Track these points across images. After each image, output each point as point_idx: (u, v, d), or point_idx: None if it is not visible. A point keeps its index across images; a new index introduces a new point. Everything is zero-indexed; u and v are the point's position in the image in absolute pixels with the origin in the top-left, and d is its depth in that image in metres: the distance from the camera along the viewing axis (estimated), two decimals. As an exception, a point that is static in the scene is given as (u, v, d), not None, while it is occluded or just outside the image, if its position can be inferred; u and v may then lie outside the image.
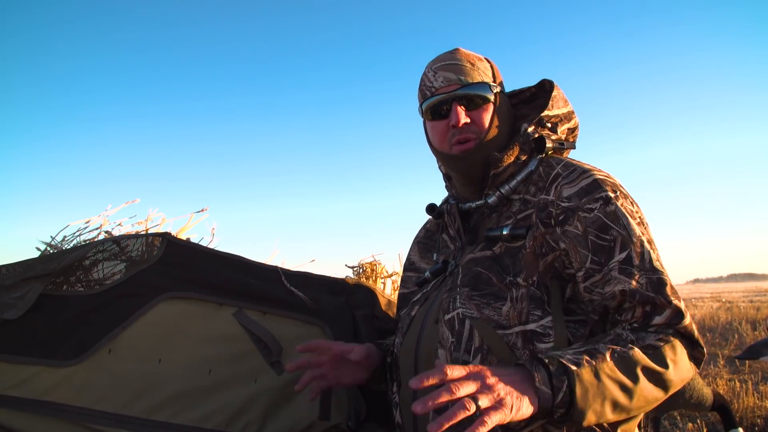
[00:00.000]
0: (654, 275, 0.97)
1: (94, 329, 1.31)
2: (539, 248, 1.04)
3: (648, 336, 0.95)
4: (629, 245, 0.99)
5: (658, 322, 0.96)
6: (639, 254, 0.99)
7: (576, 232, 1.02)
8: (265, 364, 1.48)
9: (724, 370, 4.42)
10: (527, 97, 1.31)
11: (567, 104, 1.23)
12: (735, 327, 7.23)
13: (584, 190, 1.04)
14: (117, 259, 1.41)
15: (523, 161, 1.16)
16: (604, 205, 1.02)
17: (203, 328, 1.44)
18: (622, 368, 0.88)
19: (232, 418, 1.40)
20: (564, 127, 1.22)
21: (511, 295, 1.02)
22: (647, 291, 0.96)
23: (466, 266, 1.12)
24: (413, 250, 1.45)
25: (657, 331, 0.96)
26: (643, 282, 0.97)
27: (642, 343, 0.93)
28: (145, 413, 1.31)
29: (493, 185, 1.16)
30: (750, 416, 3.04)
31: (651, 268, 0.98)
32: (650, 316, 0.97)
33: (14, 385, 1.21)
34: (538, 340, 0.99)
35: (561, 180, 1.08)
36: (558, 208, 1.05)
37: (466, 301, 1.05)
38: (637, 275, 0.97)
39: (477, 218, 1.22)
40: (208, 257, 1.50)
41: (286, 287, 1.56)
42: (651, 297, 0.96)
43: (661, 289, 0.96)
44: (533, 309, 1.00)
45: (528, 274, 1.03)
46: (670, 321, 0.96)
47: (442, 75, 1.16)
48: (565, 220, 1.03)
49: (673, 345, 0.93)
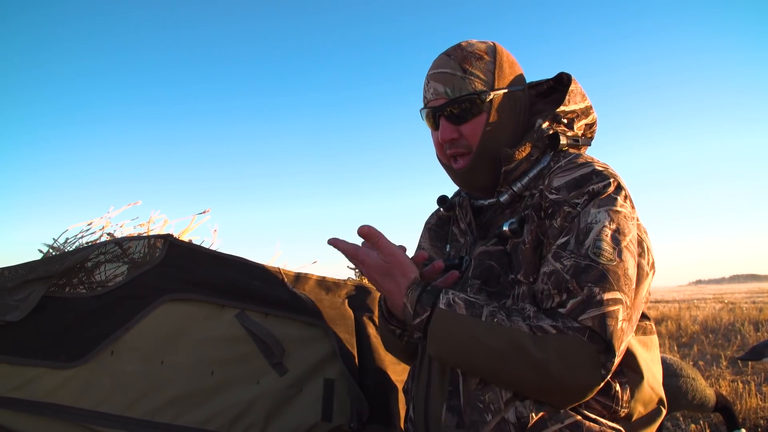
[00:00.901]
0: (584, 261, 0.90)
1: (97, 331, 1.31)
2: (535, 241, 1.01)
3: (546, 319, 0.87)
4: (574, 230, 0.94)
5: (562, 310, 0.88)
6: (579, 240, 0.92)
7: (556, 226, 0.98)
8: (267, 366, 1.48)
9: (727, 371, 4.40)
10: (544, 90, 1.27)
11: (585, 99, 1.19)
12: (737, 328, 7.21)
13: (576, 182, 0.99)
14: (119, 261, 1.41)
15: (536, 158, 1.12)
16: (588, 201, 0.96)
17: (205, 330, 1.44)
18: (486, 331, 0.89)
19: (234, 419, 1.40)
20: (581, 123, 1.18)
21: (514, 293, 1.01)
22: (565, 273, 0.90)
23: (478, 258, 1.10)
24: (424, 236, 1.40)
25: (561, 316, 0.87)
26: (568, 264, 0.91)
27: (535, 322, 0.87)
28: (148, 415, 1.31)
29: (506, 182, 1.12)
30: (753, 417, 3.03)
31: (585, 254, 0.90)
32: (562, 304, 0.89)
33: (17, 387, 1.21)
34: None
35: (557, 170, 1.04)
36: (546, 200, 1.01)
37: (477, 294, 1.03)
38: (565, 257, 0.92)
39: (490, 215, 1.19)
40: (210, 259, 1.51)
41: (288, 289, 1.56)
42: (565, 280, 0.89)
43: (581, 276, 0.88)
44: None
45: (527, 271, 1.00)
46: (572, 310, 0.87)
47: (432, 86, 1.12)
48: (553, 214, 0.99)
49: (565, 341, 0.85)
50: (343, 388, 1.55)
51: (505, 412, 0.94)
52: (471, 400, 0.98)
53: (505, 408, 0.94)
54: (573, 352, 0.85)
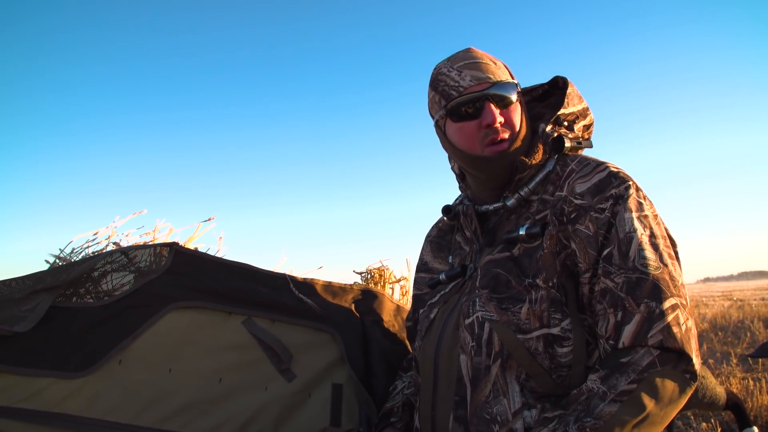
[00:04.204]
0: (634, 274, 0.92)
1: (104, 340, 1.31)
2: (555, 246, 1.02)
3: (620, 379, 0.87)
4: (614, 241, 0.95)
5: (627, 341, 0.89)
6: (622, 252, 0.94)
7: (587, 233, 0.99)
8: (275, 372, 1.48)
9: (737, 369, 4.37)
10: (539, 95, 1.28)
11: (582, 101, 1.20)
12: (747, 325, 7.16)
13: (597, 187, 1.01)
14: (125, 270, 1.41)
15: (542, 162, 1.12)
16: (614, 204, 0.98)
17: (213, 337, 1.44)
18: None
19: (243, 426, 1.40)
20: (580, 125, 1.19)
21: (530, 297, 1.00)
22: (620, 291, 0.92)
23: (485, 267, 1.09)
24: (425, 249, 1.41)
25: (629, 363, 0.88)
26: (620, 281, 0.92)
27: (615, 392, 0.87)
28: (157, 423, 1.31)
29: (514, 188, 1.12)
30: (765, 415, 3.01)
31: (632, 266, 0.92)
32: (620, 329, 0.90)
33: (26, 398, 1.21)
34: (558, 344, 0.97)
35: (574, 175, 1.05)
36: (570, 205, 1.02)
37: (486, 303, 1.03)
38: (614, 274, 0.93)
39: (495, 220, 1.19)
40: (216, 266, 1.51)
41: (294, 295, 1.56)
42: (621, 298, 0.91)
43: (635, 290, 0.90)
44: (553, 312, 0.98)
45: (548, 276, 1.00)
46: (637, 334, 0.89)
47: (469, 74, 1.09)
48: (577, 218, 1.00)
49: (650, 383, 0.86)
50: (351, 393, 1.54)
51: (513, 423, 0.94)
52: (478, 411, 0.98)
53: (513, 419, 0.94)
54: (659, 387, 0.87)
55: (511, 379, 0.98)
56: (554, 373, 0.97)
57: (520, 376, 0.97)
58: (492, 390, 0.98)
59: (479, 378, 0.99)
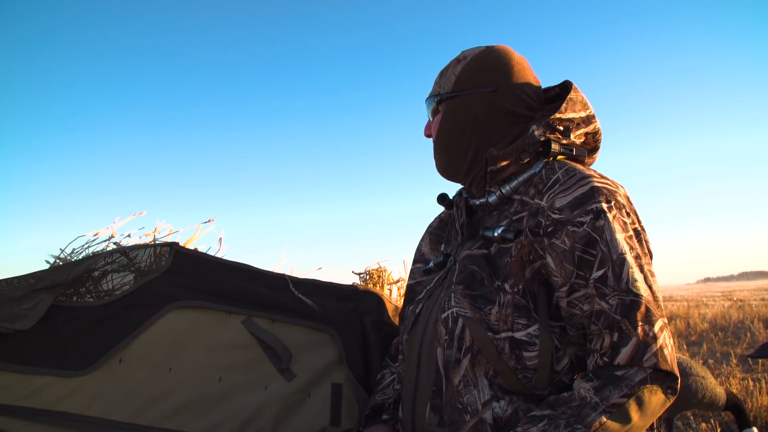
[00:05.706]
0: (628, 297, 0.94)
1: (105, 339, 1.32)
2: (527, 255, 1.03)
3: (614, 392, 0.92)
4: (608, 263, 0.96)
5: (623, 360, 0.93)
6: (616, 274, 0.95)
7: (563, 247, 0.99)
8: (274, 371, 1.49)
9: (737, 369, 4.38)
10: (551, 97, 1.27)
11: (586, 108, 1.17)
12: (747, 325, 7.16)
13: (578, 200, 1.00)
14: (126, 270, 1.42)
15: (527, 162, 1.12)
16: (594, 219, 0.98)
17: (212, 337, 1.45)
18: None
19: (243, 425, 1.41)
20: (580, 132, 1.16)
21: (499, 299, 1.02)
22: (615, 313, 0.94)
23: (462, 262, 1.11)
24: (425, 240, 1.42)
25: (623, 377, 0.93)
26: (614, 303, 0.95)
27: (606, 403, 0.91)
28: (157, 422, 1.32)
29: (494, 183, 1.13)
30: (764, 415, 3.01)
31: (626, 288, 0.95)
32: (616, 349, 0.94)
33: (26, 396, 1.22)
34: (524, 349, 0.99)
35: (558, 186, 1.04)
36: (548, 219, 1.01)
37: (461, 300, 1.05)
38: (609, 295, 0.95)
39: (479, 215, 1.21)
40: (215, 266, 1.51)
41: (294, 295, 1.57)
42: (617, 321, 0.94)
43: (630, 313, 0.94)
44: (518, 317, 0.99)
45: (515, 282, 1.01)
46: (633, 356, 0.92)
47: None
48: (554, 232, 1.00)
49: (640, 397, 0.92)
50: (350, 393, 1.55)
51: (482, 413, 0.99)
52: (452, 401, 1.02)
53: (482, 409, 0.99)
54: (646, 401, 0.93)
55: (480, 374, 1.01)
56: (519, 373, 1.00)
57: (488, 372, 1.01)
58: (462, 380, 1.02)
59: (449, 369, 1.03)
